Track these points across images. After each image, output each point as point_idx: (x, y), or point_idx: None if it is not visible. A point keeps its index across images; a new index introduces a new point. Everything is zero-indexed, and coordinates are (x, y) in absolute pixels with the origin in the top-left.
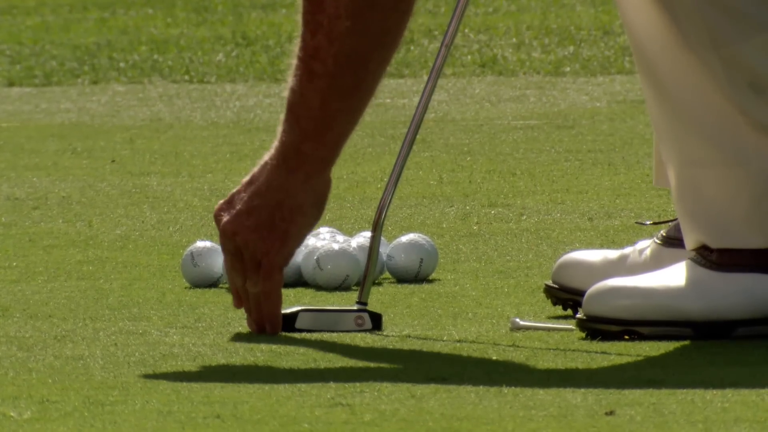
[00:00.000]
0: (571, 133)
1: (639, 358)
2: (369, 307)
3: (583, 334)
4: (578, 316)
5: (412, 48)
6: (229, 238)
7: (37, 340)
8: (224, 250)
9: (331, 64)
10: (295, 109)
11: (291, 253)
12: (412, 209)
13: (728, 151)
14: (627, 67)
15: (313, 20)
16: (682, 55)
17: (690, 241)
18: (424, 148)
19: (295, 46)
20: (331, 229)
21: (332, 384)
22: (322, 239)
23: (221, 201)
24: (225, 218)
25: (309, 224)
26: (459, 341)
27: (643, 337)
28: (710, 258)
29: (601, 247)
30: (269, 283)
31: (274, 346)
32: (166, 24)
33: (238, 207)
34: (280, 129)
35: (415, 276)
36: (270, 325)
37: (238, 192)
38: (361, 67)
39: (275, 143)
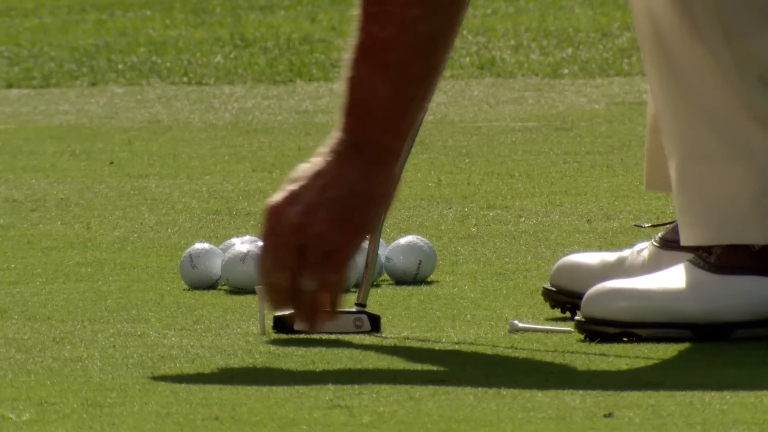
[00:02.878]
0: (570, 135)
1: (637, 360)
2: (368, 309)
3: (582, 336)
4: (577, 318)
5: None
6: (297, 231)
7: (35, 341)
8: (282, 246)
9: (404, 53)
10: (366, 103)
11: (360, 245)
12: (411, 211)
13: (733, 145)
14: (625, 69)
15: (381, 11)
16: (693, 45)
17: (687, 236)
18: (423, 150)
19: (354, 41)
20: None
21: (331, 386)
22: None
23: (277, 197)
24: (291, 212)
25: (380, 217)
26: (457, 343)
27: (641, 339)
28: (709, 260)
29: (600, 249)
30: (337, 276)
31: (272, 348)
32: (164, 26)
33: (306, 200)
34: (343, 121)
35: (413, 278)
36: (326, 316)
37: (302, 186)
38: (432, 53)
39: (339, 136)
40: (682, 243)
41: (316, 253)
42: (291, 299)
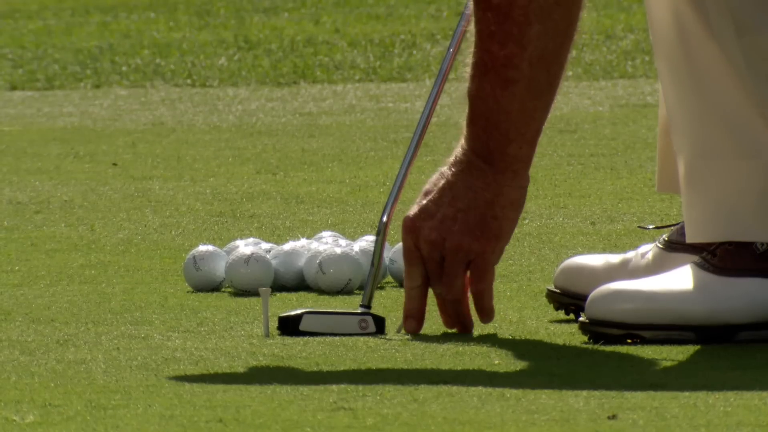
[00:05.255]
0: (574, 137)
1: (641, 362)
2: (372, 311)
3: (586, 338)
4: (581, 319)
5: (414, 52)
6: (436, 246)
7: (39, 344)
8: (430, 258)
9: (526, 68)
10: (491, 116)
11: (502, 250)
12: None
13: (742, 142)
14: (629, 71)
15: (500, 30)
16: (705, 41)
17: (693, 233)
18: (427, 153)
19: (473, 58)
20: (333, 233)
21: (334, 388)
22: (324, 243)
23: (411, 213)
24: (426, 227)
25: (516, 220)
26: (461, 345)
27: (645, 341)
28: (713, 262)
29: (604, 251)
30: (483, 283)
31: (276, 350)
32: (168, 28)
33: (438, 215)
34: (467, 133)
35: None
36: (488, 316)
37: (432, 200)
38: (553, 63)
39: (464, 147)
40: (688, 240)
41: (456, 263)
42: (440, 307)
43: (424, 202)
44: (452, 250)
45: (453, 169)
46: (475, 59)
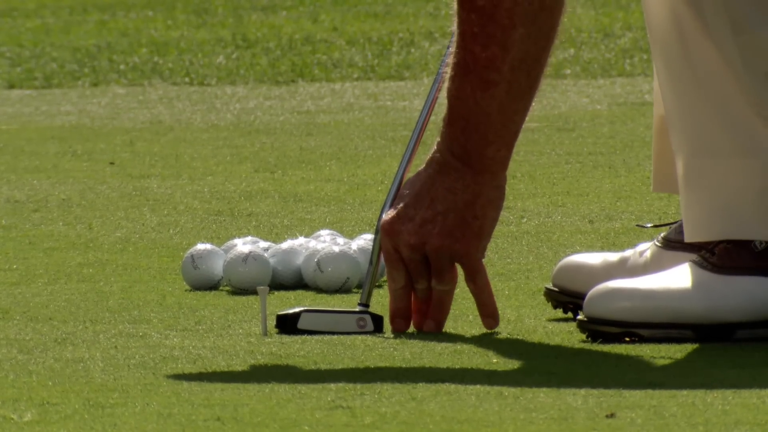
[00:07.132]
0: (572, 135)
1: (639, 361)
2: (371, 309)
3: (584, 336)
4: (579, 317)
5: (412, 50)
6: (416, 249)
7: (37, 342)
8: (410, 260)
9: (507, 71)
10: (471, 117)
11: (485, 248)
12: None
13: (739, 141)
14: (627, 69)
15: (483, 33)
16: (702, 40)
17: (691, 232)
18: (424, 151)
19: (454, 58)
20: (331, 232)
21: (332, 386)
22: (322, 242)
23: (389, 216)
24: (405, 230)
25: (497, 218)
26: (460, 343)
27: (643, 340)
28: (712, 260)
29: (602, 249)
30: (480, 276)
31: (274, 349)
32: (166, 26)
33: (417, 218)
34: (446, 134)
35: None
36: (493, 319)
37: (411, 203)
38: (534, 67)
39: (442, 148)
40: (687, 239)
41: (442, 261)
42: (422, 302)
43: (402, 204)
44: (434, 251)
45: (429, 171)
46: (456, 60)
